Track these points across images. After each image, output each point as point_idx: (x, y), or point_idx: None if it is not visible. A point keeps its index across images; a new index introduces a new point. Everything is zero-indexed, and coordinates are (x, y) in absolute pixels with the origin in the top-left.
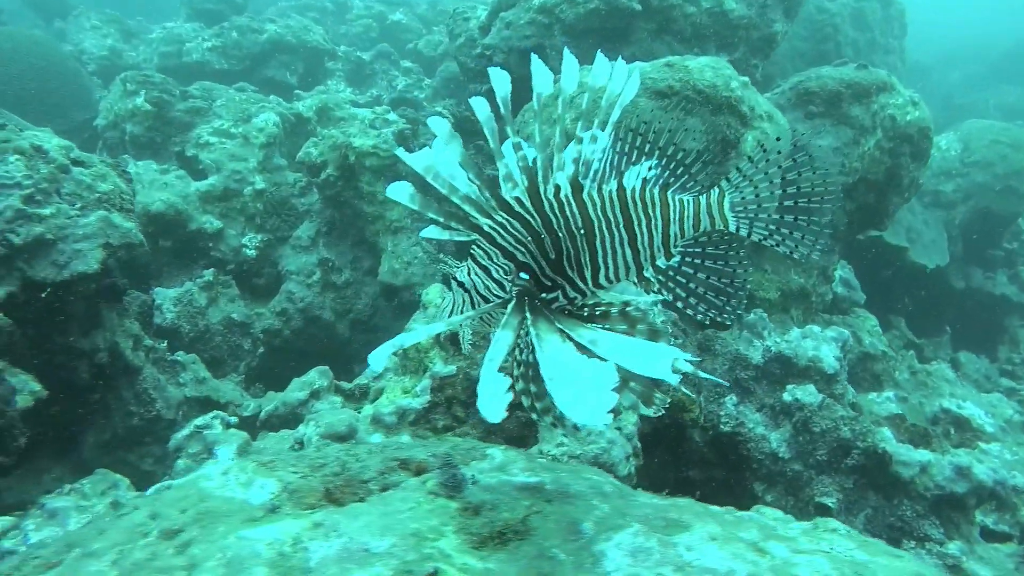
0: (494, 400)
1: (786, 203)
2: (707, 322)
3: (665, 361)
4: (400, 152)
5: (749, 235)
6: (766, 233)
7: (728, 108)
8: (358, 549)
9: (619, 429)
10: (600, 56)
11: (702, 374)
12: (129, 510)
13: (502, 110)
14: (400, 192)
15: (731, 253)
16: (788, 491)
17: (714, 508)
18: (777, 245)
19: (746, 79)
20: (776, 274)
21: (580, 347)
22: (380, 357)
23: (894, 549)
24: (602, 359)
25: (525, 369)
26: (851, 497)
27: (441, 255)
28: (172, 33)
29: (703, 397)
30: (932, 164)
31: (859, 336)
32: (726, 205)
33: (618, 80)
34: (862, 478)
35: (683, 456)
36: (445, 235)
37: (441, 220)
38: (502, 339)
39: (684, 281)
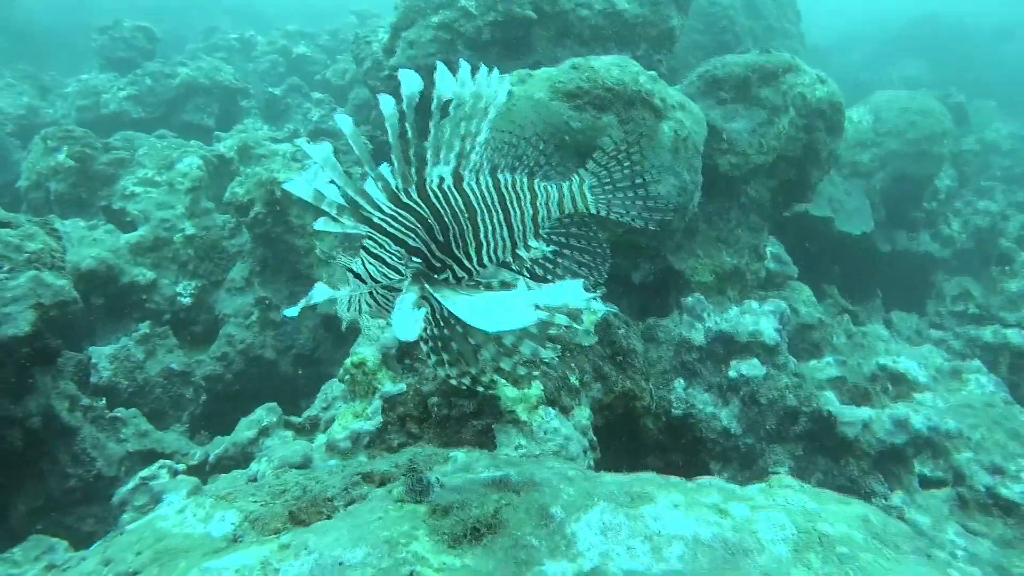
0: (407, 323)
1: (636, 181)
2: None
3: (575, 289)
4: (301, 142)
5: (608, 214)
6: (622, 211)
7: (641, 102)
8: (331, 563)
9: (574, 424)
10: (464, 65)
11: (601, 306)
12: (76, 561)
13: (405, 108)
14: (296, 187)
15: (591, 234)
16: (743, 465)
17: (675, 479)
18: (633, 220)
19: (654, 73)
20: (709, 257)
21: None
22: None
23: (843, 496)
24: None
25: (435, 343)
26: (801, 463)
27: (334, 252)
28: (88, 85)
29: (652, 384)
30: (847, 136)
31: (796, 308)
32: (587, 189)
33: (493, 86)
34: (810, 443)
35: (639, 445)
36: (337, 228)
37: (334, 212)
38: (407, 297)
39: (553, 257)
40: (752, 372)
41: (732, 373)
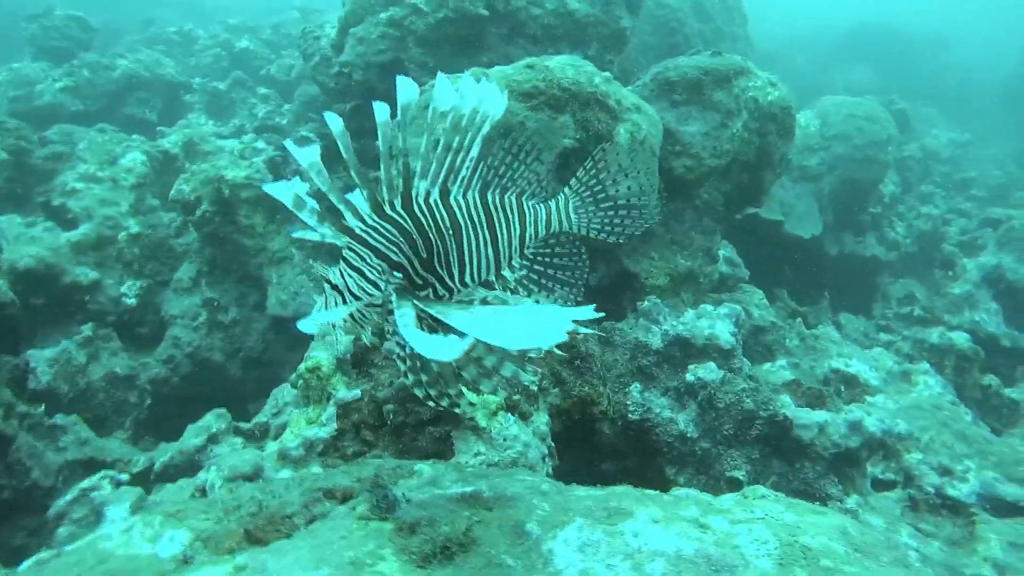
0: (432, 343)
1: (618, 202)
2: None
3: (563, 318)
4: (288, 144)
5: (587, 233)
6: (599, 228)
7: (596, 103)
8: None
9: (533, 431)
10: (468, 77)
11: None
12: None
13: (399, 116)
14: (277, 190)
15: (574, 251)
16: (699, 470)
17: (651, 492)
18: (608, 236)
19: (608, 74)
20: (664, 260)
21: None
22: (307, 326)
23: (817, 507)
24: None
25: (413, 362)
26: (757, 467)
27: (311, 260)
28: (20, 75)
29: (609, 388)
30: (795, 141)
31: (748, 310)
32: (571, 209)
33: (489, 99)
34: (766, 447)
35: (595, 450)
36: (316, 236)
37: (314, 221)
38: (404, 312)
39: (536, 278)
40: (709, 376)
41: (689, 377)
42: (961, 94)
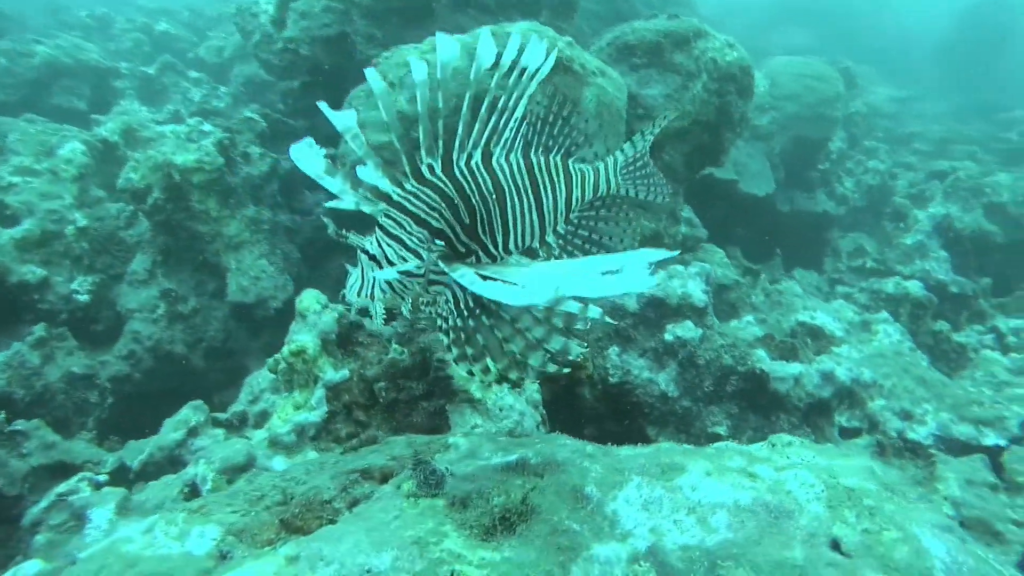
0: (526, 293)
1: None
2: None
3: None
4: (322, 106)
5: (636, 194)
6: (645, 190)
7: (562, 68)
8: (358, 572)
9: (526, 399)
10: (517, 32)
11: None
12: None
13: (439, 74)
14: (306, 156)
15: (620, 213)
16: (680, 428)
17: (688, 447)
18: (654, 198)
19: (570, 39)
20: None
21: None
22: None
23: (841, 449)
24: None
25: (458, 335)
26: (735, 422)
27: (343, 230)
28: None
29: (590, 352)
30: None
31: None
32: (619, 170)
33: (535, 56)
34: (743, 401)
35: (576, 416)
36: (349, 205)
37: (348, 188)
38: (464, 272)
39: (580, 243)
40: (688, 334)
41: (668, 336)
42: (897, 53)
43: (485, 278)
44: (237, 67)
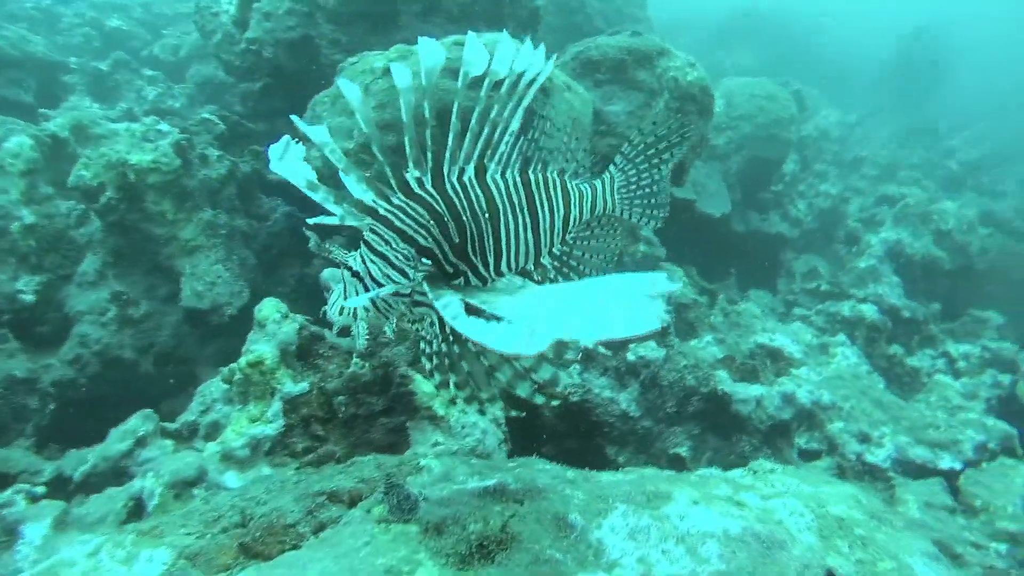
0: (513, 336)
1: (655, 179)
2: None
3: (645, 295)
4: (296, 119)
5: (629, 216)
6: (640, 212)
7: None
8: None
9: (489, 416)
10: (506, 37)
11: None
12: None
13: (423, 81)
14: (288, 162)
15: (610, 231)
16: (639, 449)
17: (674, 473)
18: (648, 221)
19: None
20: None
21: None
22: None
23: (825, 475)
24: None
25: (441, 361)
26: (695, 443)
27: (326, 244)
28: None
29: None
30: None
31: None
32: (616, 189)
33: (533, 64)
34: (704, 422)
35: (537, 433)
36: (334, 219)
37: (332, 201)
38: (449, 302)
39: (576, 264)
40: (652, 354)
41: (631, 356)
42: (839, 77)
43: (471, 308)
44: (194, 67)
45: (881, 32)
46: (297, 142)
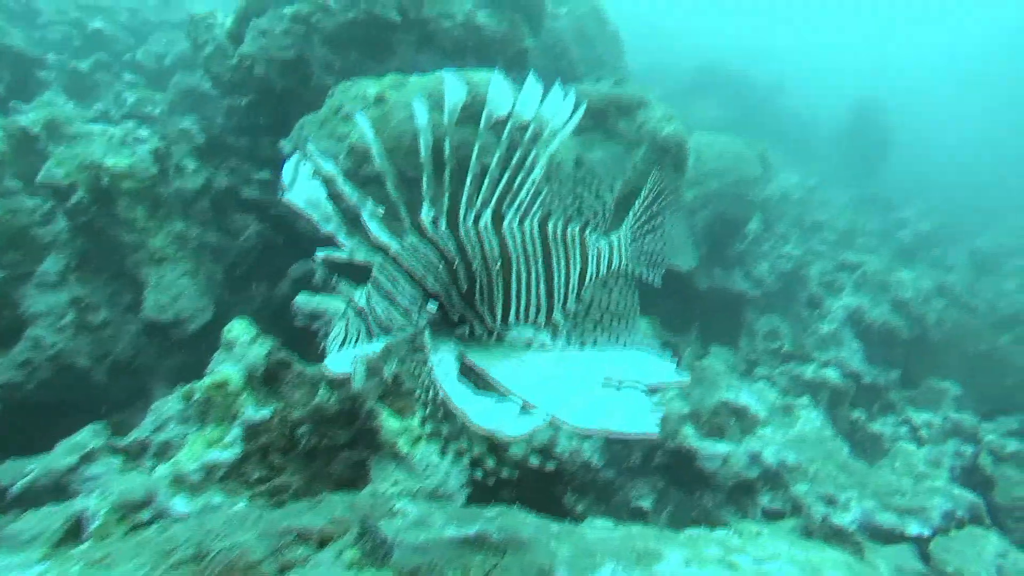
0: (497, 414)
1: (657, 235)
2: None
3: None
4: (312, 148)
5: (637, 272)
6: (646, 269)
7: None
8: None
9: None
10: (532, 80)
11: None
12: None
13: (446, 121)
14: (303, 193)
15: (628, 292)
16: (600, 498)
17: (663, 531)
18: (652, 280)
19: None
20: None
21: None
22: (339, 362)
23: (812, 541)
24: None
25: (434, 411)
26: (658, 497)
27: (335, 278)
28: None
29: None
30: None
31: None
32: (627, 245)
33: (559, 110)
34: (668, 476)
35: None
36: (344, 253)
37: (344, 235)
38: (443, 358)
39: (592, 326)
40: None
41: None
42: (798, 139)
43: (467, 368)
44: (178, 76)
45: (833, 100)
46: (305, 163)
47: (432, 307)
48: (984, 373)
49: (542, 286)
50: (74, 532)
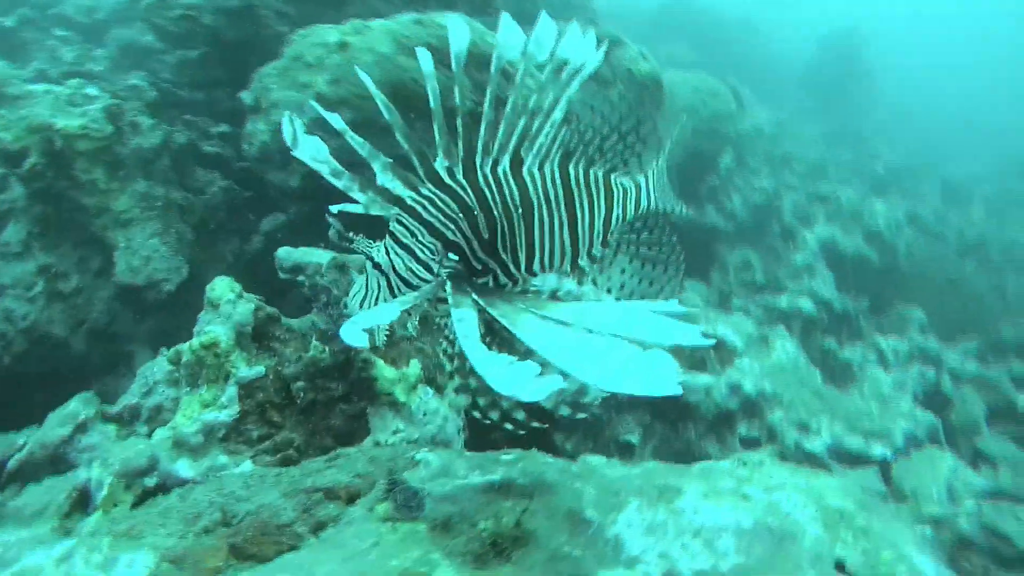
0: (506, 377)
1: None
2: None
3: (679, 327)
4: (313, 104)
5: (670, 209)
6: (673, 203)
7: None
8: None
9: (448, 403)
10: (574, 26)
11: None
12: None
13: (454, 67)
14: (308, 149)
15: (664, 238)
16: (587, 435)
17: (674, 466)
18: (681, 212)
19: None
20: None
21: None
22: (354, 334)
23: (808, 469)
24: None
25: (462, 364)
26: (644, 431)
27: (351, 234)
28: None
29: None
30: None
31: None
32: (656, 183)
33: (579, 52)
34: (653, 410)
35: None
36: (359, 207)
37: (357, 189)
38: (464, 316)
39: (619, 271)
40: None
41: None
42: (769, 75)
43: (490, 325)
44: (114, 30)
45: (803, 34)
46: (298, 120)
47: (452, 258)
48: (949, 299)
49: (565, 231)
50: (80, 503)
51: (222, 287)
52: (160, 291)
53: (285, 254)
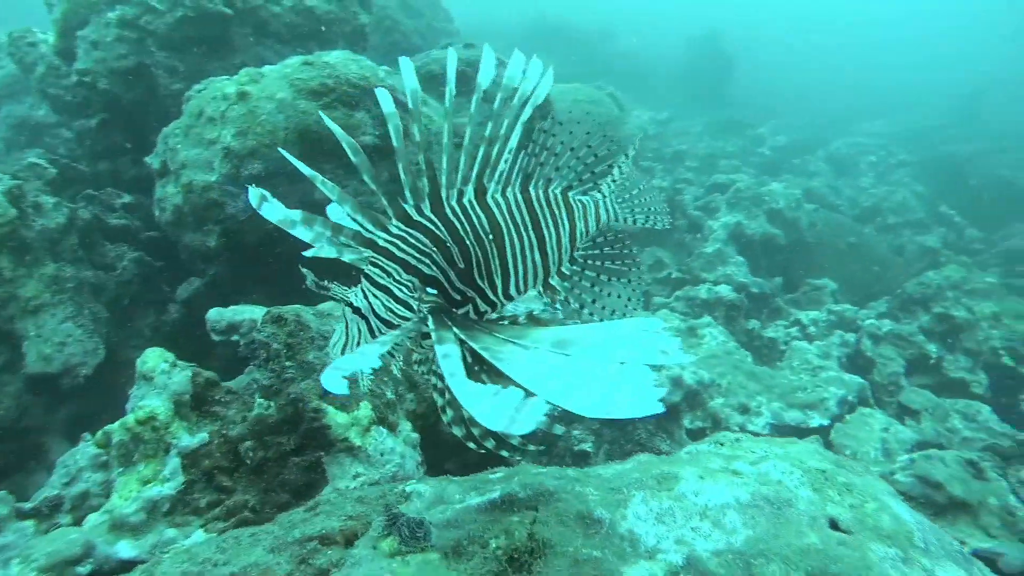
0: (495, 411)
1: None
2: None
3: (661, 339)
4: (283, 152)
5: (634, 221)
6: (644, 214)
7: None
8: None
9: (403, 440)
10: (517, 54)
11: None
12: None
13: (410, 104)
14: (276, 209)
15: (625, 251)
16: (542, 451)
17: (665, 457)
18: (652, 223)
19: (387, 68)
20: None
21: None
22: (334, 381)
23: (784, 439)
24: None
25: (453, 395)
26: (596, 437)
27: (325, 281)
28: None
29: None
30: None
31: None
32: (613, 198)
33: (531, 79)
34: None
35: (437, 451)
36: (331, 253)
37: (328, 235)
38: (449, 352)
39: (589, 285)
40: None
41: None
42: (640, 78)
43: (475, 355)
44: (5, 107)
45: (672, 38)
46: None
47: (431, 293)
48: (854, 263)
49: (535, 251)
50: None
51: (154, 358)
52: (77, 376)
53: (216, 315)
